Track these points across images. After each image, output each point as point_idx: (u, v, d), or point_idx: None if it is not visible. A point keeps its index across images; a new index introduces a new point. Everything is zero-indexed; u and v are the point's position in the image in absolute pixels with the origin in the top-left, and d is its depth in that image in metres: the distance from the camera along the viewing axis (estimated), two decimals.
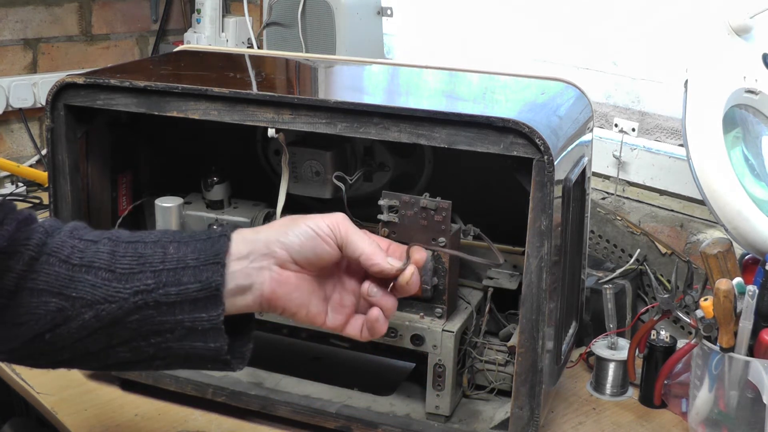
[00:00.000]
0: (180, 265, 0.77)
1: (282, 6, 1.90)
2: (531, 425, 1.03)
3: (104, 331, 0.77)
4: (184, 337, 0.77)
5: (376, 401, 1.17)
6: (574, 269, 1.17)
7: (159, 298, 0.76)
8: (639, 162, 1.55)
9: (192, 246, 0.78)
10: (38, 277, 0.77)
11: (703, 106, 1.17)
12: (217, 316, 0.76)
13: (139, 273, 0.77)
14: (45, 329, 0.77)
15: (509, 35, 1.81)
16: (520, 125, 0.95)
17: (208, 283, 0.76)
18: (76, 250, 0.78)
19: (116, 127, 1.28)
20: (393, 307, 0.83)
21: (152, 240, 0.79)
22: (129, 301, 0.76)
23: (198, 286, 0.76)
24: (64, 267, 0.78)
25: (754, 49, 1.25)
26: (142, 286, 0.76)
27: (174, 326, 0.77)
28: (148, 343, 0.78)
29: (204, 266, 0.77)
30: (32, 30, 2.12)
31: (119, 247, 0.79)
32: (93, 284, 0.77)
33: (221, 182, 1.33)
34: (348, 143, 1.27)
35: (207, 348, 0.78)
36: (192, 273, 0.76)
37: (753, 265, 1.14)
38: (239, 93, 1.08)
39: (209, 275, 0.76)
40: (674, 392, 1.21)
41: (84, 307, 0.77)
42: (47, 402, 1.20)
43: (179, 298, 0.76)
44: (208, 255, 0.77)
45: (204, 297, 0.76)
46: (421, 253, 0.83)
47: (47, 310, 0.77)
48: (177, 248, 0.78)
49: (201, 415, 1.18)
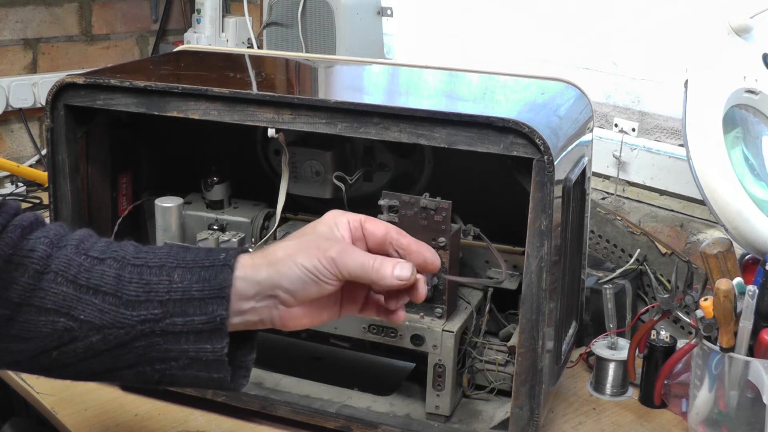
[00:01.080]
0: (186, 296, 0.78)
1: (282, 6, 1.90)
2: (531, 425, 1.03)
3: (110, 353, 0.79)
4: (188, 366, 0.79)
5: (376, 401, 1.17)
6: (574, 269, 1.17)
7: (165, 328, 0.78)
8: (639, 162, 1.55)
9: (196, 274, 0.79)
10: (46, 295, 0.78)
11: (703, 106, 1.17)
12: (221, 348, 0.78)
13: (145, 301, 0.78)
14: (52, 347, 0.79)
15: (509, 35, 1.81)
16: (520, 125, 0.95)
17: (213, 317, 0.77)
18: (82, 269, 0.79)
19: (116, 127, 1.28)
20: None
21: (157, 264, 0.80)
22: (136, 328, 0.78)
23: (204, 318, 0.77)
24: (72, 287, 0.78)
25: (754, 49, 1.24)
26: (150, 315, 0.78)
27: (179, 355, 0.78)
28: (153, 369, 0.79)
29: (209, 299, 0.78)
30: (32, 30, 2.12)
31: (125, 270, 0.79)
32: (101, 309, 0.78)
33: (221, 182, 1.33)
34: (348, 143, 1.27)
35: (210, 378, 0.80)
36: (197, 305, 0.78)
37: (753, 265, 1.14)
38: (239, 93, 1.08)
39: (214, 308, 0.77)
40: (674, 392, 1.21)
41: (91, 330, 0.78)
42: (47, 402, 1.20)
43: (185, 328, 0.78)
44: (213, 287, 0.78)
45: (209, 329, 0.77)
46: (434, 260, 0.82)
47: (54, 329, 0.78)
48: (182, 276, 0.79)
49: (201, 415, 1.18)
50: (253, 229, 1.31)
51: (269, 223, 1.31)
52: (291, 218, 1.31)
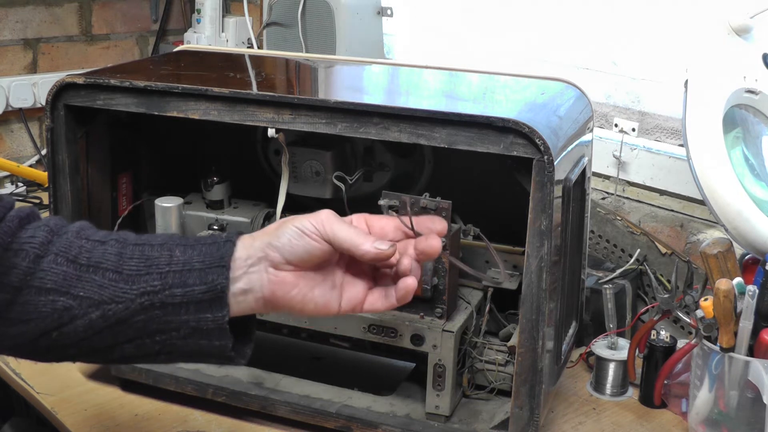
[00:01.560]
0: (186, 267, 0.78)
1: (282, 6, 1.90)
2: (531, 425, 1.03)
3: (110, 330, 0.79)
4: (189, 335, 0.79)
5: (376, 401, 1.17)
6: (574, 269, 1.17)
7: (165, 299, 0.78)
8: (639, 162, 1.55)
9: (198, 249, 0.80)
10: (46, 276, 0.78)
11: (703, 106, 1.17)
12: (222, 317, 0.78)
13: (145, 275, 0.78)
14: (52, 327, 0.79)
15: (509, 35, 1.81)
16: (520, 125, 0.95)
17: (213, 285, 0.78)
18: (83, 251, 0.80)
19: (116, 127, 1.28)
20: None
21: (159, 243, 0.81)
22: (135, 302, 0.78)
23: (203, 288, 0.78)
24: (72, 267, 0.79)
25: (754, 49, 1.24)
26: (149, 288, 0.78)
27: (179, 326, 0.78)
28: (153, 341, 0.79)
29: (209, 269, 0.78)
30: (32, 30, 2.12)
31: (126, 248, 0.80)
32: (100, 284, 0.78)
33: (221, 182, 1.33)
34: (348, 143, 1.27)
35: (212, 346, 0.80)
36: (198, 275, 0.78)
37: (753, 265, 1.14)
38: (239, 93, 1.08)
39: (214, 277, 0.78)
40: (674, 392, 1.21)
41: (91, 307, 0.78)
42: (47, 402, 1.20)
43: (185, 299, 0.78)
44: (214, 258, 0.79)
45: (209, 298, 0.78)
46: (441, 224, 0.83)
47: (54, 308, 0.78)
48: (183, 251, 0.79)
49: (201, 415, 1.18)
50: (253, 229, 1.31)
51: (269, 223, 1.31)
52: None
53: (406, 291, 0.82)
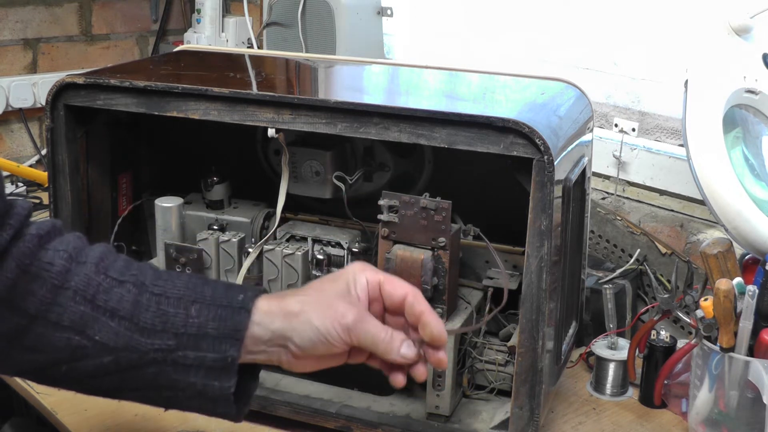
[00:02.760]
0: (201, 331, 0.79)
1: (282, 6, 1.90)
2: (531, 425, 1.03)
3: (120, 375, 0.80)
4: (194, 397, 0.81)
5: (376, 401, 1.17)
6: (574, 269, 1.17)
7: (177, 359, 0.79)
8: (639, 162, 1.55)
9: (213, 312, 0.80)
10: (63, 312, 0.79)
11: (703, 106, 1.17)
12: (228, 387, 0.80)
13: (161, 331, 0.79)
14: (63, 361, 0.80)
15: (509, 35, 1.81)
16: (520, 125, 0.95)
17: (225, 356, 0.79)
18: (101, 290, 0.80)
19: (116, 127, 1.28)
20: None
21: (175, 296, 0.81)
22: (149, 355, 0.79)
23: (215, 356, 0.79)
24: (89, 307, 0.79)
25: (754, 49, 1.24)
26: (163, 345, 0.79)
27: (186, 387, 0.80)
28: (158, 395, 0.81)
29: (223, 338, 0.79)
30: (32, 30, 2.12)
31: (143, 296, 0.80)
32: (116, 332, 0.79)
33: (221, 182, 1.33)
34: (348, 143, 1.27)
35: (215, 411, 0.82)
36: (211, 342, 0.79)
37: (753, 265, 1.14)
38: (239, 93, 1.08)
39: (227, 348, 0.79)
40: (674, 392, 1.21)
41: (104, 351, 0.79)
42: (47, 402, 1.20)
43: (196, 362, 0.79)
44: (228, 328, 0.79)
45: (219, 367, 0.79)
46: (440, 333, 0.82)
47: (68, 344, 0.79)
48: (199, 311, 0.80)
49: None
50: (253, 229, 1.31)
51: (269, 223, 1.31)
52: (291, 218, 1.31)
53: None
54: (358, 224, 1.24)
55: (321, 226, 1.28)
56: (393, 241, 1.10)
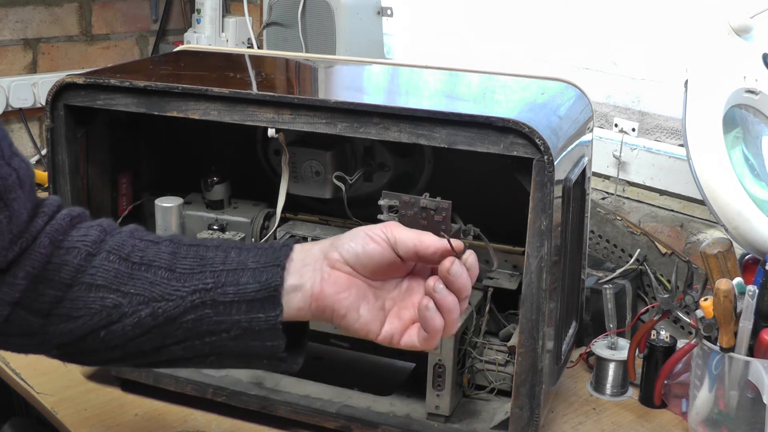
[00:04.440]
0: (240, 266, 0.78)
1: (282, 6, 1.90)
2: (531, 425, 1.03)
3: (159, 329, 0.78)
4: (240, 336, 0.78)
5: (376, 401, 1.17)
6: (574, 269, 1.17)
7: (217, 297, 0.77)
8: (639, 162, 1.55)
9: (254, 252, 0.79)
10: (97, 272, 0.78)
11: (703, 106, 1.17)
12: (275, 316, 0.77)
13: (199, 273, 0.78)
14: (100, 325, 0.78)
15: (509, 35, 1.81)
16: (520, 125, 0.95)
17: (267, 284, 0.77)
18: (136, 249, 0.80)
19: (116, 127, 1.28)
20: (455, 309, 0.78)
21: (215, 245, 0.80)
22: (186, 300, 0.77)
23: (257, 286, 0.77)
24: (124, 264, 0.79)
25: (754, 49, 1.24)
26: (201, 285, 0.77)
27: (230, 326, 0.77)
28: (203, 342, 0.78)
29: (264, 268, 0.78)
30: (32, 30, 2.12)
31: (181, 249, 0.80)
32: (152, 282, 0.78)
33: (221, 182, 1.33)
34: (348, 143, 1.27)
35: (263, 347, 0.78)
36: (251, 274, 0.77)
37: (753, 265, 1.14)
38: (239, 93, 1.08)
39: (268, 276, 0.77)
40: (674, 392, 1.21)
41: (141, 305, 0.77)
42: (47, 402, 1.20)
43: (237, 297, 0.77)
44: (269, 259, 0.78)
45: (262, 297, 0.77)
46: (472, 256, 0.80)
47: (103, 305, 0.78)
48: (239, 253, 0.79)
49: (201, 415, 1.18)
50: (253, 229, 1.31)
51: (269, 223, 1.31)
52: (291, 218, 1.31)
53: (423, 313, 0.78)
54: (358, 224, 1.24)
55: (321, 226, 1.28)
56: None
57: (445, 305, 0.77)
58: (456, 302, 0.78)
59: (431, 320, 0.77)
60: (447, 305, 0.77)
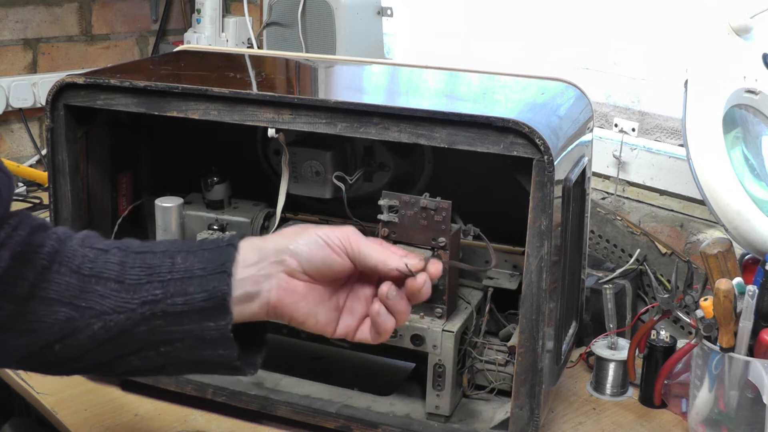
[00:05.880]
0: (187, 275, 0.77)
1: (282, 6, 1.90)
2: (531, 425, 1.03)
3: (113, 342, 0.78)
4: (193, 346, 0.78)
5: (376, 401, 1.17)
6: (574, 269, 1.17)
7: (166, 308, 0.77)
8: (639, 162, 1.55)
9: (199, 256, 0.78)
10: (49, 286, 0.78)
11: (703, 106, 1.17)
12: (225, 325, 0.77)
13: (146, 283, 0.77)
14: (54, 339, 0.78)
15: (509, 35, 1.81)
16: (520, 125, 0.95)
17: (215, 293, 0.76)
18: (86, 260, 0.79)
19: (116, 127, 1.28)
20: (406, 311, 0.81)
21: (161, 250, 0.80)
22: (137, 312, 0.77)
23: (204, 295, 0.76)
24: (75, 277, 0.78)
25: (754, 49, 1.24)
26: (150, 297, 0.77)
27: (183, 336, 0.77)
28: (158, 352, 0.78)
29: (211, 276, 0.77)
30: (32, 30, 2.12)
31: (128, 257, 0.79)
32: (102, 295, 0.77)
33: (221, 182, 1.33)
34: (348, 143, 1.27)
35: (216, 356, 0.78)
36: (198, 282, 0.77)
37: (753, 265, 1.14)
38: (239, 93, 1.08)
39: (216, 284, 0.76)
40: (674, 392, 1.21)
41: (93, 318, 0.77)
42: (47, 402, 1.20)
43: (186, 307, 0.76)
44: (215, 265, 0.77)
45: (211, 306, 0.76)
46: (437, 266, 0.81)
47: (56, 320, 0.77)
48: (185, 258, 0.78)
49: (201, 415, 1.18)
50: (253, 229, 1.31)
51: (269, 223, 1.31)
52: (291, 218, 1.31)
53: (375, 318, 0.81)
54: (358, 224, 1.24)
55: None
56: (393, 241, 1.10)
57: (398, 309, 0.81)
58: (408, 306, 0.81)
59: (383, 324, 0.81)
60: (399, 309, 0.81)
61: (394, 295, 0.80)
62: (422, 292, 0.80)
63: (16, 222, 0.80)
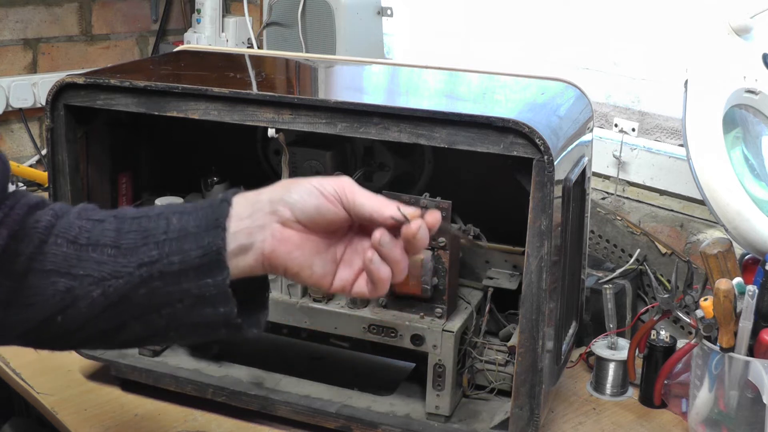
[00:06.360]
0: (182, 233, 0.76)
1: (282, 6, 1.90)
2: (531, 425, 1.03)
3: (114, 308, 0.77)
4: (193, 305, 0.77)
5: (376, 401, 1.17)
6: (574, 269, 1.17)
7: (163, 269, 0.76)
8: (639, 162, 1.55)
9: (194, 215, 0.78)
10: (46, 258, 0.77)
11: (703, 106, 1.17)
12: (222, 280, 0.76)
13: (143, 246, 0.77)
14: (55, 311, 0.77)
15: (509, 35, 1.81)
16: (520, 125, 0.95)
17: (210, 248, 0.75)
18: (83, 231, 0.79)
19: (116, 127, 1.28)
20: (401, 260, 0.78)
21: (156, 213, 0.79)
22: (134, 275, 0.76)
23: (200, 252, 0.76)
24: (72, 247, 0.78)
25: (754, 49, 1.24)
26: (146, 258, 0.76)
27: (182, 296, 0.76)
28: (159, 315, 0.77)
29: (205, 232, 0.76)
30: (32, 30, 2.12)
31: (124, 223, 0.79)
32: (99, 261, 0.77)
33: (221, 182, 1.33)
34: (348, 143, 1.27)
35: (217, 313, 0.77)
36: (193, 240, 0.76)
37: (753, 265, 1.14)
38: (239, 93, 1.08)
39: (210, 240, 0.76)
40: (674, 392, 1.21)
41: (91, 285, 0.77)
42: (47, 402, 1.20)
43: (183, 266, 0.76)
44: (209, 221, 0.77)
45: (207, 262, 0.76)
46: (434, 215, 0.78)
47: (56, 290, 0.77)
48: (180, 218, 0.78)
49: (201, 415, 1.18)
50: None
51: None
52: None
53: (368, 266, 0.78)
54: None
55: None
56: None
57: (392, 257, 0.77)
58: (404, 255, 0.78)
59: (377, 272, 0.77)
60: (394, 257, 0.77)
61: (387, 241, 0.77)
62: (417, 239, 0.77)
63: (13, 201, 0.79)
